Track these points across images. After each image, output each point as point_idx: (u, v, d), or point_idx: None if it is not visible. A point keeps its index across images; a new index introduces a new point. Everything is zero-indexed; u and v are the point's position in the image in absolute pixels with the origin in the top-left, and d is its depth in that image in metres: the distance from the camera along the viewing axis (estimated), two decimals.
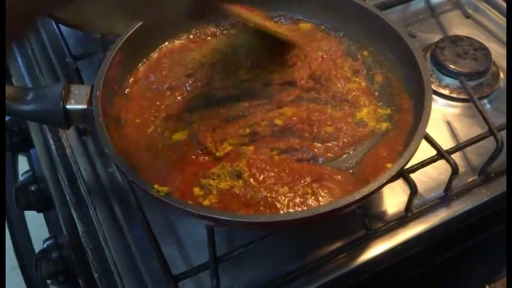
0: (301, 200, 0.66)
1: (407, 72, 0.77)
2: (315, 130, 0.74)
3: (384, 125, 0.75)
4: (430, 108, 0.68)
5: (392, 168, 0.62)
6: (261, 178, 0.68)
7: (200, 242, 0.68)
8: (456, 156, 0.75)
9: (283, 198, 0.67)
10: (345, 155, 0.73)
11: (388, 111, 0.77)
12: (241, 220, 0.60)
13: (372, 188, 0.60)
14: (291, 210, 0.65)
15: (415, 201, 0.73)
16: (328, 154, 0.72)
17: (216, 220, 0.60)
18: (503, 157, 0.77)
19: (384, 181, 0.61)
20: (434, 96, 0.88)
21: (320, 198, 0.66)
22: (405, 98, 0.76)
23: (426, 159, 0.74)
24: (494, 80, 0.91)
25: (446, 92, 0.90)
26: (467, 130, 0.85)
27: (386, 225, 0.72)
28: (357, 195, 0.60)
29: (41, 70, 0.96)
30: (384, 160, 0.69)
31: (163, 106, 0.78)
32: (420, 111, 0.68)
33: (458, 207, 0.75)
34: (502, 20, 1.03)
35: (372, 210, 0.74)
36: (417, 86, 0.72)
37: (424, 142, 0.67)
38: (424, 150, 0.71)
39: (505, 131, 0.78)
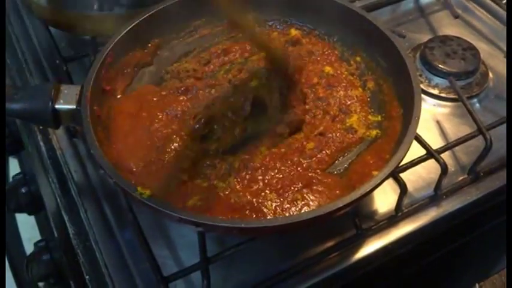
0: (290, 205, 0.67)
1: (398, 78, 0.77)
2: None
3: (374, 132, 0.76)
4: (418, 117, 0.68)
5: (377, 176, 0.62)
6: (247, 183, 0.68)
7: (191, 243, 0.68)
8: (445, 156, 0.76)
9: (270, 203, 0.67)
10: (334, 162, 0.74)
11: (379, 118, 0.77)
12: (221, 225, 0.60)
13: (355, 196, 0.60)
14: (279, 215, 0.65)
15: (405, 201, 0.74)
16: (320, 166, 0.72)
17: (197, 224, 0.59)
18: (492, 156, 0.77)
19: (369, 189, 0.61)
20: (423, 96, 0.89)
21: (310, 203, 0.67)
22: (395, 105, 0.76)
23: (416, 159, 0.74)
24: (483, 79, 0.92)
25: (435, 91, 0.90)
26: (456, 129, 0.85)
27: (376, 224, 0.73)
28: (340, 203, 0.60)
29: (31, 72, 0.95)
30: (371, 167, 0.69)
31: (151, 105, 0.78)
32: (409, 120, 0.68)
33: (448, 206, 0.75)
34: (491, 20, 1.04)
35: (363, 210, 0.74)
36: (407, 93, 0.72)
37: (413, 142, 0.67)
38: (414, 150, 0.71)
39: (493, 130, 0.78)
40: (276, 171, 0.70)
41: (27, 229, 1.06)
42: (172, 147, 0.72)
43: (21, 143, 0.92)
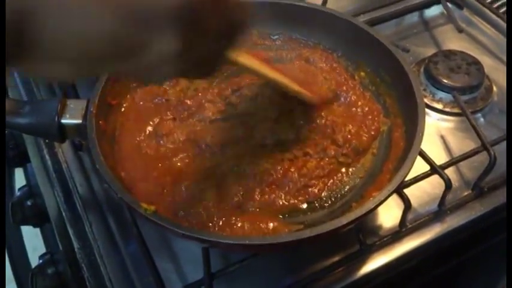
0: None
1: (402, 93, 0.77)
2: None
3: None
4: (422, 133, 0.68)
5: (382, 193, 0.62)
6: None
7: (195, 258, 0.68)
8: (450, 171, 0.76)
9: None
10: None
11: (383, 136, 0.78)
12: (226, 241, 0.60)
13: (360, 213, 0.60)
14: None
15: (409, 216, 0.74)
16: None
17: (201, 240, 0.60)
18: (496, 171, 0.77)
19: (373, 206, 0.61)
20: (427, 111, 0.89)
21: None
22: (399, 123, 0.77)
23: (420, 175, 0.74)
24: (488, 94, 0.92)
25: (439, 106, 0.90)
26: (460, 144, 0.85)
27: (380, 240, 0.73)
28: (344, 220, 0.60)
29: (38, 85, 0.96)
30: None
31: (157, 120, 0.78)
32: (413, 135, 0.68)
33: (452, 222, 0.75)
34: (495, 34, 1.04)
35: (367, 225, 0.74)
36: (411, 108, 0.72)
37: (418, 157, 0.68)
38: (418, 165, 0.71)
39: (498, 145, 0.78)
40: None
41: (31, 238, 1.06)
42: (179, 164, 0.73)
43: (27, 156, 0.93)
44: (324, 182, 0.72)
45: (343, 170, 0.74)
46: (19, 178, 1.10)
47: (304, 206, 0.71)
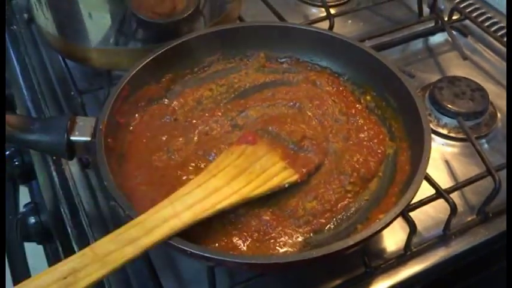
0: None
1: (408, 117, 0.78)
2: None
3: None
4: (428, 158, 0.68)
5: (388, 216, 0.62)
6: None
7: (201, 276, 0.68)
8: (455, 196, 0.76)
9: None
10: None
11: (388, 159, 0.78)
12: (232, 260, 0.60)
13: (365, 235, 0.61)
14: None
15: (414, 239, 0.74)
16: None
17: (207, 258, 0.60)
18: (501, 197, 0.77)
19: (378, 228, 0.61)
20: (432, 136, 0.89)
21: None
22: (404, 147, 0.77)
23: (425, 198, 0.75)
24: (492, 120, 0.93)
25: (444, 131, 0.91)
26: (465, 169, 0.86)
27: (385, 263, 0.73)
28: (350, 241, 0.60)
29: (46, 103, 0.97)
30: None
31: (164, 138, 0.79)
32: (418, 159, 0.69)
33: (457, 247, 0.75)
34: (499, 62, 1.05)
35: (372, 248, 0.75)
36: (417, 132, 0.73)
37: (423, 181, 0.68)
38: (423, 189, 0.72)
39: (502, 171, 0.79)
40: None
41: (34, 255, 1.06)
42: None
43: (32, 173, 0.93)
44: (331, 211, 0.72)
45: (349, 195, 0.74)
46: (23, 196, 1.10)
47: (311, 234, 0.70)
